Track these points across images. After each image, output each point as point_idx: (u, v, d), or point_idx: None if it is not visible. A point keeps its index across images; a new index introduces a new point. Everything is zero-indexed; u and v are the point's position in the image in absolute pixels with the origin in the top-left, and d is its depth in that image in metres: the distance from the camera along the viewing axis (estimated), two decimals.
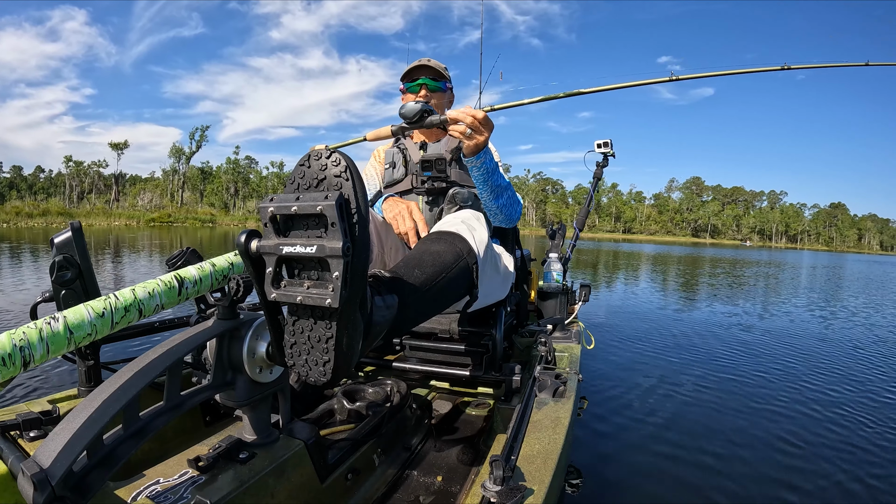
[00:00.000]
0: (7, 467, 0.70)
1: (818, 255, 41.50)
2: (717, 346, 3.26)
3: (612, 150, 2.51)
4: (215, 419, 1.18)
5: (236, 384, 0.78)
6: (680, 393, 2.25)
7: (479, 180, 1.23)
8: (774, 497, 1.38)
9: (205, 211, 52.43)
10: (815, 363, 2.94)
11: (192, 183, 64.34)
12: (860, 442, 1.77)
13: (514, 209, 1.36)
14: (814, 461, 1.60)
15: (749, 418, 1.97)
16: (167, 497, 0.66)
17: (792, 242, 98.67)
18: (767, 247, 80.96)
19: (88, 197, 61.46)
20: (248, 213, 58.64)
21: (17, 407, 0.90)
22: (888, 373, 2.80)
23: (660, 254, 21.73)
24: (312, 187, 0.59)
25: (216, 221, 44.39)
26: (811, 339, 3.75)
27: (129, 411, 0.62)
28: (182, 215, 43.78)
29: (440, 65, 1.50)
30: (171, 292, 0.81)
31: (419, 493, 1.01)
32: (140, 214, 38.70)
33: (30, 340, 0.62)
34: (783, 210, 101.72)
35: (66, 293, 0.91)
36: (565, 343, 1.68)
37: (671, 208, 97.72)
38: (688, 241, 78.51)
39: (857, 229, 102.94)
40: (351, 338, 0.62)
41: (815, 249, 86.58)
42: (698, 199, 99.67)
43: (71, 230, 0.92)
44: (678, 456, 1.61)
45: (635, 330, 3.73)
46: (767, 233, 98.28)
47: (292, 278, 0.62)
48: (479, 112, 1.09)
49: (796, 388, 2.40)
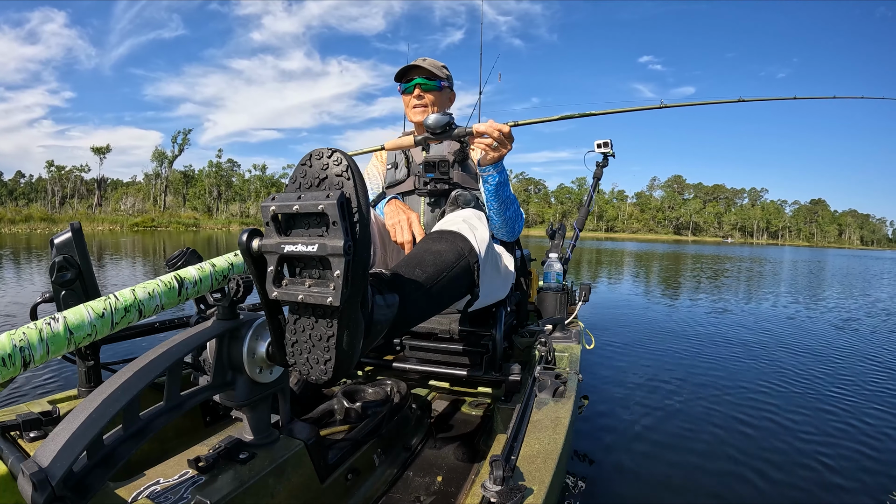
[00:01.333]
0: (7, 467, 0.69)
1: (800, 251, 42.29)
2: (714, 342, 3.27)
3: (612, 150, 2.52)
4: (215, 419, 1.18)
5: (236, 384, 0.78)
6: (680, 392, 2.25)
7: (491, 192, 1.25)
8: (775, 496, 1.38)
9: (188, 215, 51.85)
10: (822, 361, 2.94)
11: (175, 187, 63.84)
12: (867, 443, 1.77)
13: (518, 223, 1.39)
14: (816, 460, 1.60)
15: (750, 417, 1.97)
16: (167, 497, 0.66)
17: (773, 238, 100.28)
18: (749, 243, 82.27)
19: (70, 202, 60.80)
20: (232, 217, 58.18)
21: (17, 407, 0.90)
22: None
23: (643, 251, 21.90)
24: (314, 186, 0.59)
25: (200, 225, 43.97)
26: (806, 332, 3.76)
27: (129, 411, 0.62)
28: (165, 219, 43.28)
29: (437, 63, 1.49)
30: (171, 293, 0.81)
31: (419, 493, 1.01)
32: (123, 219, 38.17)
33: (30, 341, 0.62)
34: (764, 207, 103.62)
35: (66, 294, 0.90)
36: (565, 343, 1.67)
37: (653, 206, 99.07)
38: (670, 239, 79.97)
39: (837, 225, 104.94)
40: (352, 336, 0.62)
41: (796, 245, 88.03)
42: (680, 198, 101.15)
43: (71, 231, 0.92)
44: (679, 455, 1.61)
45: (628, 327, 3.74)
46: (749, 229, 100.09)
47: (294, 277, 0.62)
48: (504, 126, 1.12)
49: (797, 383, 2.40)
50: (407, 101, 1.51)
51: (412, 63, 1.47)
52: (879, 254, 49.03)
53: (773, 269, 12.83)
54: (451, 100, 1.57)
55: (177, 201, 63.37)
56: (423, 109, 1.47)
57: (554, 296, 1.98)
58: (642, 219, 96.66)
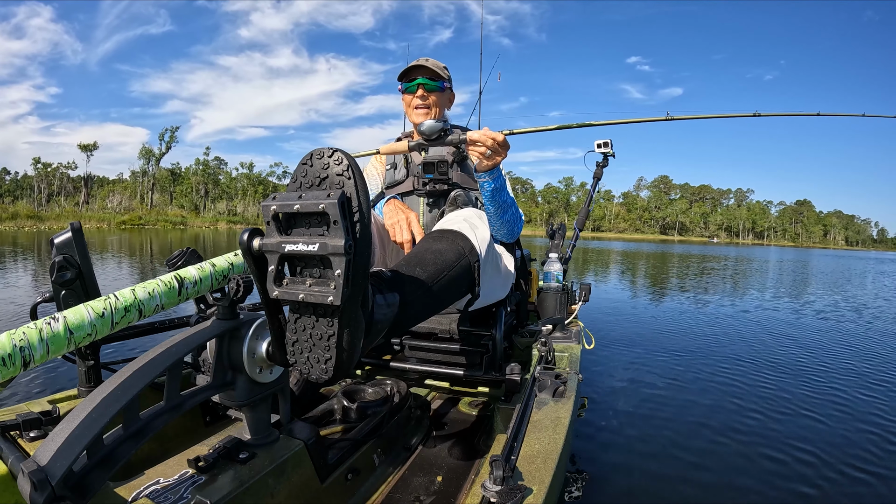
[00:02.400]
0: (7, 467, 0.69)
1: (785, 251, 42.85)
2: (713, 339, 3.27)
3: (612, 150, 2.51)
4: (215, 419, 1.18)
5: (236, 384, 0.77)
6: (680, 391, 2.25)
7: (488, 197, 1.25)
8: (776, 496, 1.38)
9: (175, 213, 51.53)
10: (819, 355, 2.94)
11: (162, 184, 63.22)
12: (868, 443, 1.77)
13: (517, 225, 1.39)
14: (817, 459, 1.60)
15: (751, 416, 1.97)
16: (167, 497, 0.66)
17: (759, 239, 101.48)
18: (735, 243, 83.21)
19: (57, 199, 60.00)
20: (219, 215, 57.52)
21: (17, 407, 0.90)
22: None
23: (630, 251, 21.99)
24: (315, 186, 0.59)
25: (187, 223, 43.60)
26: (804, 329, 3.77)
27: (129, 411, 0.62)
28: (153, 217, 42.91)
29: (439, 64, 1.50)
30: (171, 292, 0.81)
31: (419, 493, 1.01)
32: (110, 217, 37.70)
33: (30, 341, 0.62)
34: (750, 207, 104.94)
35: (66, 293, 0.90)
36: (565, 343, 1.67)
37: (639, 206, 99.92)
38: (656, 239, 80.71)
39: (822, 225, 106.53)
40: (352, 335, 0.62)
41: (781, 245, 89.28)
42: (666, 198, 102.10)
43: (71, 230, 0.92)
44: (679, 455, 1.61)
45: (620, 325, 3.74)
46: (735, 230, 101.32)
47: (294, 276, 0.62)
48: (498, 135, 1.13)
49: (797, 380, 2.40)
50: (408, 101, 1.50)
51: (415, 63, 1.47)
52: (864, 254, 49.69)
53: (760, 268, 13.14)
54: (451, 100, 1.57)
55: (164, 199, 62.71)
56: (426, 111, 1.47)
57: (554, 296, 1.98)
58: (629, 218, 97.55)
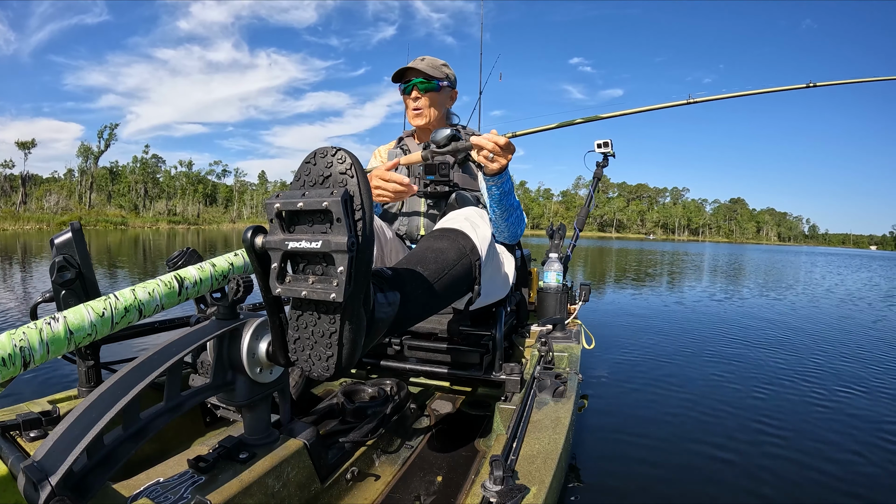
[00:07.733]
0: (7, 467, 0.69)
1: (720, 247, 43.87)
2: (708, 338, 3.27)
3: (612, 150, 2.51)
4: (215, 419, 1.17)
5: (236, 384, 0.77)
6: (680, 391, 2.25)
7: (495, 199, 1.26)
8: (776, 496, 1.38)
9: (115, 213, 49.94)
10: (815, 354, 2.95)
11: (99, 183, 60.83)
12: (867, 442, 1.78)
13: (520, 227, 1.40)
14: (819, 458, 1.61)
15: (751, 416, 1.97)
16: (167, 497, 0.66)
17: (694, 235, 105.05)
18: (671, 239, 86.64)
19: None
20: (159, 215, 55.54)
21: (17, 407, 0.90)
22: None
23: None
24: (318, 184, 0.60)
25: (128, 223, 42.26)
26: (795, 323, 3.78)
27: (129, 411, 0.62)
28: (92, 218, 41.22)
29: (436, 62, 1.48)
30: (171, 293, 0.81)
31: (419, 493, 1.01)
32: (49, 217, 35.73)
33: (30, 341, 0.62)
34: (685, 205, 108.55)
35: (66, 293, 0.90)
36: (565, 343, 1.68)
37: (578, 204, 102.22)
38: (594, 235, 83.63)
39: (756, 222, 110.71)
40: (354, 333, 0.62)
41: (716, 241, 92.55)
42: (604, 196, 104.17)
43: (71, 231, 0.92)
44: (679, 455, 1.61)
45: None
46: (671, 227, 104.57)
47: (297, 273, 0.62)
48: (501, 138, 1.14)
49: (798, 380, 2.41)
50: (407, 103, 1.51)
51: (407, 65, 1.47)
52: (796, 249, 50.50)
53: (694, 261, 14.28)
54: (452, 98, 1.56)
55: (102, 199, 60.26)
56: (421, 113, 1.47)
57: (554, 296, 1.98)
58: (568, 216, 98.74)
